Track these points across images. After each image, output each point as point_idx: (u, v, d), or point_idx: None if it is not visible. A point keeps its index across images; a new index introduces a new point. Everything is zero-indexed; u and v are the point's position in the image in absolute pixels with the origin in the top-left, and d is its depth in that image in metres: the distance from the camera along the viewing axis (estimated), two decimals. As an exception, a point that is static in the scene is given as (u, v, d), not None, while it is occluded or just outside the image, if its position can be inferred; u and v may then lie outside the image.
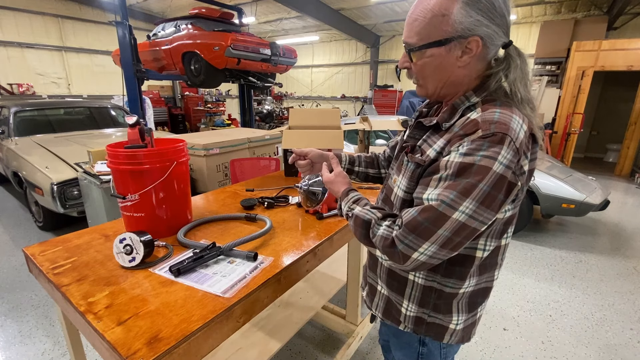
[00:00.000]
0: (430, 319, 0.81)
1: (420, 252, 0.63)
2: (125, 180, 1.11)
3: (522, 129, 0.62)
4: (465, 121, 0.66)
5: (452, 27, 0.63)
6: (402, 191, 0.75)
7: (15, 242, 3.19)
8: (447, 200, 0.61)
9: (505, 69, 0.66)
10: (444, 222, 0.61)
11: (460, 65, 0.67)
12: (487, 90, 0.68)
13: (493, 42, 0.65)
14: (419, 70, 0.72)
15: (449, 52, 0.66)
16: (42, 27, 7.60)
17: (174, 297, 0.85)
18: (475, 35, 0.63)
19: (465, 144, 0.62)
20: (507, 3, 0.65)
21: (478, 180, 0.59)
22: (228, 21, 5.45)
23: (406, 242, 0.64)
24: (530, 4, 7.00)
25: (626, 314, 2.25)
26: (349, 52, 11.11)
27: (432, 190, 0.64)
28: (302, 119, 2.10)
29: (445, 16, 0.63)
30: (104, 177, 2.47)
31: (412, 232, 0.63)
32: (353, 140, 4.42)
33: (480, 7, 0.62)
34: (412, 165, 0.73)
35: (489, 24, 0.63)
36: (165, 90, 10.15)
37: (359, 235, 0.75)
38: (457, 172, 0.61)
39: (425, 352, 0.86)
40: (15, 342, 1.96)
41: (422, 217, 0.62)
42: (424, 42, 0.66)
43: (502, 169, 0.59)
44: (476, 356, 1.87)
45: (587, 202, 2.95)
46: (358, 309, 1.87)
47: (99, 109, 4.75)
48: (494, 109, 0.64)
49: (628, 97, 6.60)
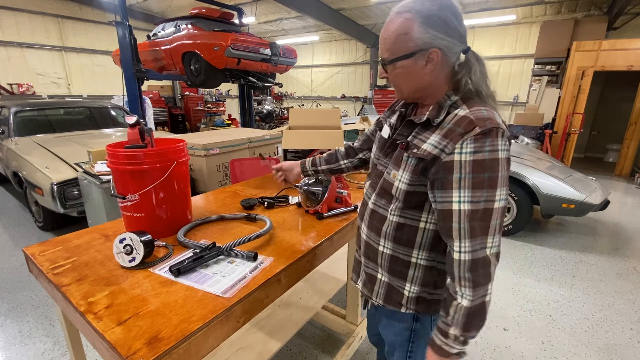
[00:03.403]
0: (430, 296, 0.89)
1: (489, 247, 0.73)
2: (125, 180, 1.11)
3: (501, 120, 0.76)
4: (454, 118, 0.77)
5: (414, 43, 0.76)
6: (405, 184, 0.82)
7: (15, 242, 3.19)
8: (482, 198, 0.72)
9: (467, 73, 0.78)
10: (491, 213, 0.72)
11: (427, 73, 0.79)
12: (462, 90, 0.80)
13: (451, 51, 0.77)
14: (394, 79, 0.85)
15: (415, 63, 0.78)
16: (42, 27, 7.60)
17: (174, 297, 0.85)
18: (434, 48, 0.76)
19: (468, 142, 0.72)
20: (458, 17, 0.76)
21: (495, 171, 0.71)
22: (228, 21, 5.44)
23: (478, 249, 0.73)
24: (530, 4, 7.00)
25: (626, 314, 2.25)
26: (349, 52, 11.11)
27: (457, 194, 0.73)
28: (302, 119, 2.10)
29: (408, 34, 0.76)
30: (104, 177, 2.47)
31: (475, 237, 0.72)
32: (353, 140, 4.40)
33: (434, 24, 0.74)
34: (413, 161, 0.81)
35: (444, 37, 0.75)
36: (165, 90, 10.15)
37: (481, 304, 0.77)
38: (474, 169, 0.72)
39: (418, 327, 0.94)
40: (15, 342, 1.96)
41: (472, 221, 0.72)
42: (394, 56, 0.79)
43: (504, 154, 0.73)
44: (476, 356, 1.87)
45: (587, 202, 2.95)
46: (358, 309, 1.87)
47: (99, 109, 4.75)
48: (478, 106, 0.76)
49: (628, 97, 6.60)
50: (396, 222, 0.86)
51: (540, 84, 6.60)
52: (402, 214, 0.85)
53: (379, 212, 0.91)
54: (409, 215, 0.85)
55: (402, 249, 0.87)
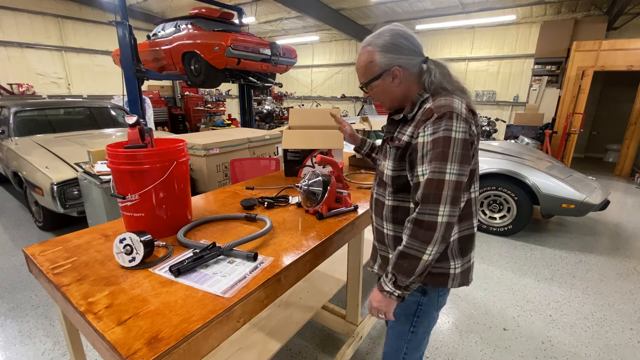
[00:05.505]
0: (433, 269, 0.99)
1: (440, 214, 0.83)
2: (125, 180, 1.11)
3: (462, 106, 0.89)
4: (423, 111, 0.93)
5: (378, 67, 0.97)
6: (390, 170, 1.01)
7: (15, 242, 3.19)
8: (436, 169, 0.85)
9: (428, 76, 0.96)
10: (443, 184, 0.84)
11: (396, 85, 0.98)
12: (428, 89, 0.97)
13: (410, 64, 0.96)
14: (374, 96, 1.06)
15: (384, 81, 0.98)
16: (42, 27, 7.60)
17: (174, 297, 0.85)
18: (394, 66, 0.95)
19: (429, 125, 0.88)
20: (409, 39, 0.96)
21: (447, 147, 0.84)
22: (228, 21, 5.44)
23: (427, 212, 0.84)
24: (530, 4, 7.00)
25: (626, 314, 2.25)
26: (349, 52, 11.11)
27: (421, 168, 0.88)
28: (302, 119, 2.10)
29: (372, 62, 0.97)
30: (104, 177, 2.47)
31: (427, 203, 0.84)
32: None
33: (389, 50, 0.95)
34: (392, 150, 1.00)
35: (400, 56, 0.95)
36: (165, 90, 10.14)
37: (415, 253, 0.88)
38: (432, 147, 0.86)
39: (425, 301, 1.05)
40: (15, 342, 1.96)
41: (427, 189, 0.85)
42: (368, 79, 1.00)
43: (460, 134, 0.85)
44: (476, 356, 1.88)
45: (587, 202, 2.95)
46: (358, 309, 1.87)
47: (99, 109, 4.75)
48: (440, 97, 0.93)
49: (628, 97, 6.60)
50: (391, 205, 1.03)
51: (540, 84, 6.60)
52: (394, 197, 1.02)
53: (380, 200, 1.08)
54: (400, 198, 1.01)
55: (400, 228, 1.00)
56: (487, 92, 8.79)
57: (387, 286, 0.93)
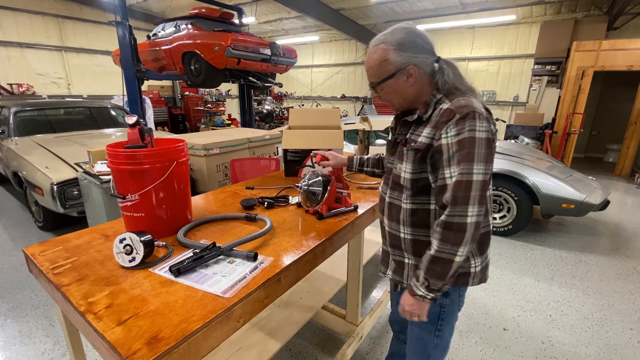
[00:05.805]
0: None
1: (469, 215, 0.84)
2: (125, 180, 1.11)
3: (480, 105, 0.90)
4: (440, 112, 0.92)
5: (393, 65, 0.94)
6: (409, 173, 0.98)
7: (15, 242, 3.19)
8: (464, 171, 0.85)
9: (442, 76, 0.95)
10: (471, 185, 0.84)
11: (409, 85, 0.96)
12: (442, 89, 0.96)
13: (424, 63, 0.94)
14: (385, 96, 1.02)
15: (397, 80, 0.95)
16: (42, 27, 7.60)
17: (174, 297, 0.85)
18: (410, 65, 0.93)
19: (451, 126, 0.88)
20: (424, 38, 0.94)
21: (472, 148, 0.85)
22: (228, 21, 5.44)
23: (457, 214, 0.84)
24: (530, 4, 7.00)
25: (626, 314, 2.25)
26: (349, 52, 11.10)
27: (448, 170, 0.88)
28: (302, 119, 2.10)
29: (386, 60, 0.94)
30: (104, 177, 2.47)
31: (456, 205, 0.84)
32: (353, 140, 4.42)
33: (405, 48, 0.92)
34: (412, 152, 0.96)
35: (416, 55, 0.93)
36: (165, 90, 10.14)
37: (448, 257, 0.88)
38: (458, 148, 0.86)
39: (447, 303, 1.04)
40: (15, 342, 1.96)
41: (456, 191, 0.85)
42: (381, 79, 0.97)
43: (483, 134, 0.86)
44: (476, 356, 1.87)
45: (587, 202, 2.95)
46: (358, 309, 1.87)
47: (99, 109, 4.74)
48: (458, 98, 0.91)
49: (628, 97, 6.60)
50: (410, 208, 1.00)
51: (540, 84, 6.59)
52: (413, 200, 0.99)
53: (395, 204, 1.05)
54: (419, 200, 0.99)
55: (420, 231, 1.00)
56: (487, 92, 8.79)
57: (420, 290, 0.92)
